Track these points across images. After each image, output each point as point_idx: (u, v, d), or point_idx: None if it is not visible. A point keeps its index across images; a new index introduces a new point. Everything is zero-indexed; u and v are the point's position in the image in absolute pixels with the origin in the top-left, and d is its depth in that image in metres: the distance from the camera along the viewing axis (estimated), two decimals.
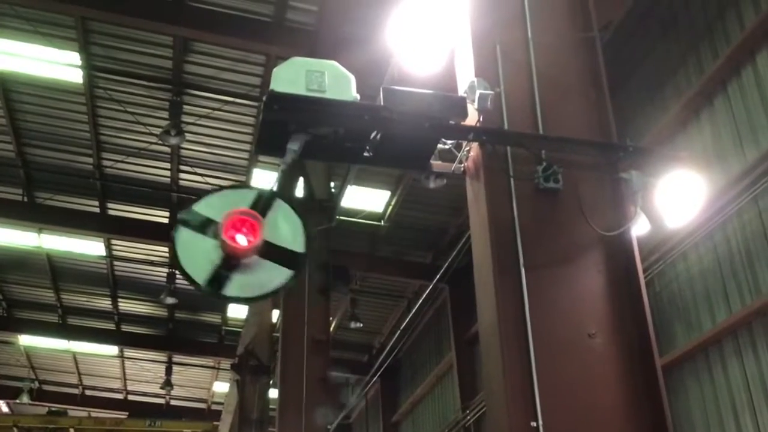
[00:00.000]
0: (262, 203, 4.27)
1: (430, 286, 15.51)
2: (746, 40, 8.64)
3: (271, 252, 4.16)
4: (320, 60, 4.89)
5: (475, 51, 5.47)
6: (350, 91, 4.81)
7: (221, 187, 4.39)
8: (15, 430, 20.66)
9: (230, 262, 4.08)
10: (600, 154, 5.30)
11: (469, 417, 15.72)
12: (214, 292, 4.10)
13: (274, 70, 4.77)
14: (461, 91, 5.26)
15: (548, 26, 5.62)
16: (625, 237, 5.10)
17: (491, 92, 5.04)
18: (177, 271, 4.16)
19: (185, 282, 4.03)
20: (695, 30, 9.62)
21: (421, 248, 16.89)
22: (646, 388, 4.76)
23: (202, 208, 4.21)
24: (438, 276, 14.68)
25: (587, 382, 4.68)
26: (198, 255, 4.09)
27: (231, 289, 4.08)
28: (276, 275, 4.18)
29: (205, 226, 4.14)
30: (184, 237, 4.14)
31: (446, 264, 14.22)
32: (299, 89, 4.68)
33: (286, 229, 4.29)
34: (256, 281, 4.14)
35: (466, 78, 5.35)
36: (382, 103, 4.82)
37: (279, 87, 4.67)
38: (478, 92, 5.01)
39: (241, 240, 4.07)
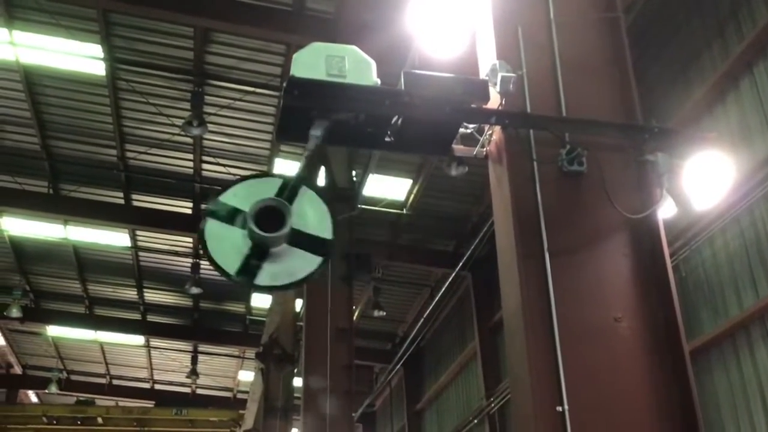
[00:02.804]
0: (288, 191, 4.25)
1: (453, 274, 15.48)
2: None
3: (300, 240, 4.15)
4: (341, 45, 4.86)
5: (497, 33, 5.40)
6: (371, 76, 4.78)
7: (246, 177, 4.37)
8: (44, 419, 20.98)
9: (259, 252, 4.07)
10: (625, 136, 5.21)
11: (492, 405, 15.69)
12: (245, 282, 4.09)
13: (295, 55, 4.74)
14: (483, 75, 5.20)
15: (571, 7, 5.53)
16: (651, 220, 5.02)
17: (513, 75, 4.97)
18: (207, 262, 4.12)
19: (210, 272, 4.05)
20: (720, 12, 9.45)
21: (443, 236, 16.84)
22: (674, 372, 4.69)
23: (229, 198, 4.20)
24: (461, 264, 14.64)
25: (613, 367, 4.63)
26: (227, 246, 4.08)
27: (262, 278, 4.06)
28: (305, 263, 4.17)
29: (232, 216, 4.13)
30: (213, 228, 4.13)
31: (469, 252, 14.17)
32: (320, 74, 4.65)
33: (313, 216, 4.27)
34: (286, 270, 4.13)
35: (487, 61, 5.28)
36: (402, 88, 4.79)
37: (299, 72, 4.64)
38: (500, 75, 4.95)
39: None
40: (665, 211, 5.13)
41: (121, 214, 16.75)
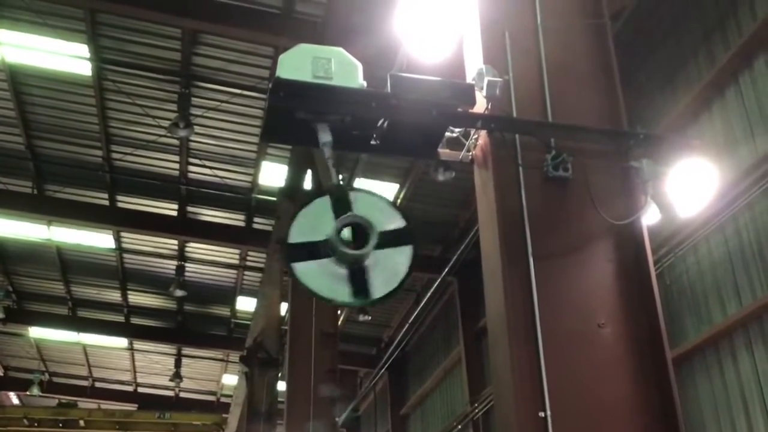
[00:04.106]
0: (342, 204, 4.26)
1: (439, 280, 15.46)
2: (758, 31, 8.53)
3: (382, 240, 4.17)
4: (327, 47, 4.84)
5: (484, 38, 5.40)
6: (357, 78, 4.76)
7: (295, 213, 4.31)
8: (25, 422, 20.77)
9: (357, 269, 4.10)
10: (610, 141, 5.23)
11: (477, 410, 15.68)
12: (366, 302, 4.16)
13: (281, 56, 4.72)
14: (470, 79, 5.20)
15: (558, 13, 5.55)
16: (636, 226, 5.03)
17: (500, 79, 4.98)
18: (327, 303, 4.18)
19: (194, 274, 4.01)
20: (707, 21, 9.51)
21: (429, 241, 16.82)
22: (656, 378, 4.70)
23: (297, 237, 4.19)
24: (447, 269, 14.63)
25: (596, 373, 4.63)
26: (326, 279, 4.10)
27: (377, 290, 4.12)
28: (400, 257, 4.24)
29: (313, 251, 4.13)
30: (302, 270, 4.12)
31: (455, 257, 14.17)
32: (305, 76, 4.64)
33: (378, 212, 4.30)
34: (389, 271, 4.18)
35: (474, 65, 5.28)
36: (389, 91, 4.77)
37: (285, 74, 4.62)
38: (486, 79, 4.95)
39: None
40: (650, 217, 5.15)
41: (106, 216, 16.64)
